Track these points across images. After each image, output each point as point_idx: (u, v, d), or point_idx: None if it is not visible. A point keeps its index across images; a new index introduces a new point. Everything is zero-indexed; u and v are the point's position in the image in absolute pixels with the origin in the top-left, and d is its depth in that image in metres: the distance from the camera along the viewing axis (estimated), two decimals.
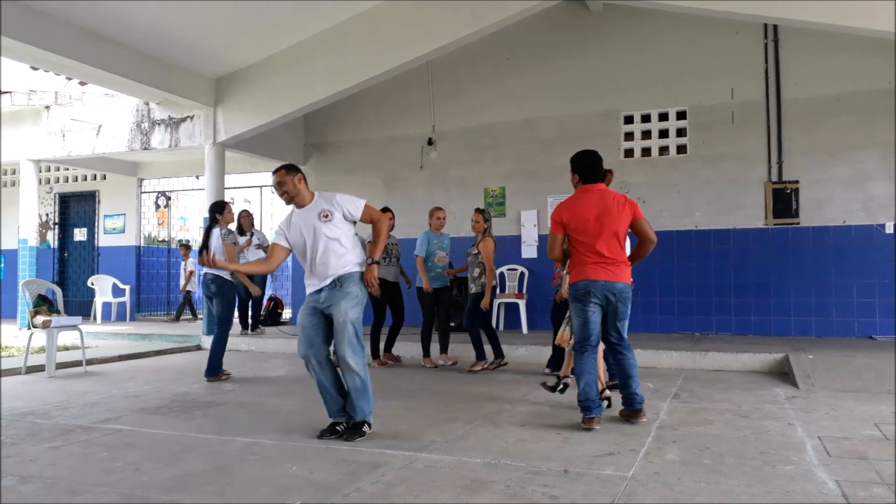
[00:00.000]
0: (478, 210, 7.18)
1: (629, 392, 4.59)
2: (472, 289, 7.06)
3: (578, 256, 4.47)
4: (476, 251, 7.06)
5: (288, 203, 4.49)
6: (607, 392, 5.07)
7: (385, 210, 7.69)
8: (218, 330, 6.76)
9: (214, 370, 6.64)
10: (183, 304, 12.40)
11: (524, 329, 9.38)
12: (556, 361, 6.69)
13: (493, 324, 9.52)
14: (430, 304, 7.37)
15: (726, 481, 3.28)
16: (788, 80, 8.92)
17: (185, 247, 12.40)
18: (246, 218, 10.00)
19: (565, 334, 5.62)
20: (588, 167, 4.58)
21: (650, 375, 6.54)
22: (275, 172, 4.48)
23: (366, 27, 8.68)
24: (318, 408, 5.21)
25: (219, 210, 6.78)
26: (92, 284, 12.50)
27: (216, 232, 6.68)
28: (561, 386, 5.54)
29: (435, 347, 7.52)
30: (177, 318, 12.21)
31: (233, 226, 7.32)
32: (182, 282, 12.41)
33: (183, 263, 12.39)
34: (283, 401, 5.58)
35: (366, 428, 4.23)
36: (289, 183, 4.40)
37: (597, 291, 4.39)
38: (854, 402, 5.17)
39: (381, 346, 7.67)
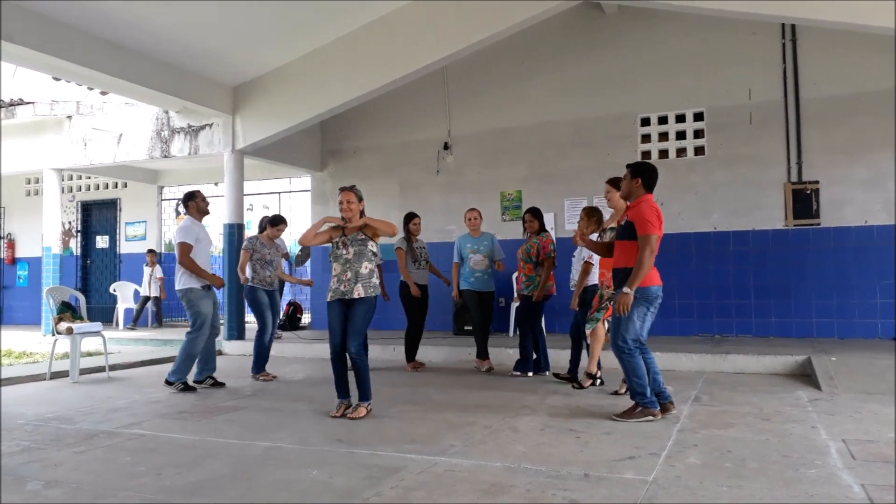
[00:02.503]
0: (346, 189, 5.08)
1: (660, 388, 4.84)
2: (364, 293, 4.96)
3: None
4: (363, 236, 5.02)
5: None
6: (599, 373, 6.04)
7: (412, 216, 7.65)
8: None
9: (253, 369, 7.01)
10: (140, 311, 12.12)
11: None
12: (524, 364, 6.81)
13: (511, 328, 9.52)
14: (475, 308, 7.26)
15: (749, 485, 3.25)
16: (807, 79, 8.83)
17: (152, 252, 12.34)
18: None
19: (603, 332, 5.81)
20: (652, 177, 4.83)
21: (670, 378, 6.47)
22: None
23: (381, 33, 8.73)
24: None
25: (270, 223, 7.27)
26: (114, 291, 12.64)
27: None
28: (599, 381, 6.05)
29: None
30: (133, 326, 11.98)
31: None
32: (144, 287, 12.22)
33: (150, 270, 12.15)
34: (303, 405, 5.60)
35: None
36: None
37: (660, 295, 4.77)
38: (878, 405, 5.10)
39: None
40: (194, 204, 6.38)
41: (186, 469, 3.71)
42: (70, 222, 13.83)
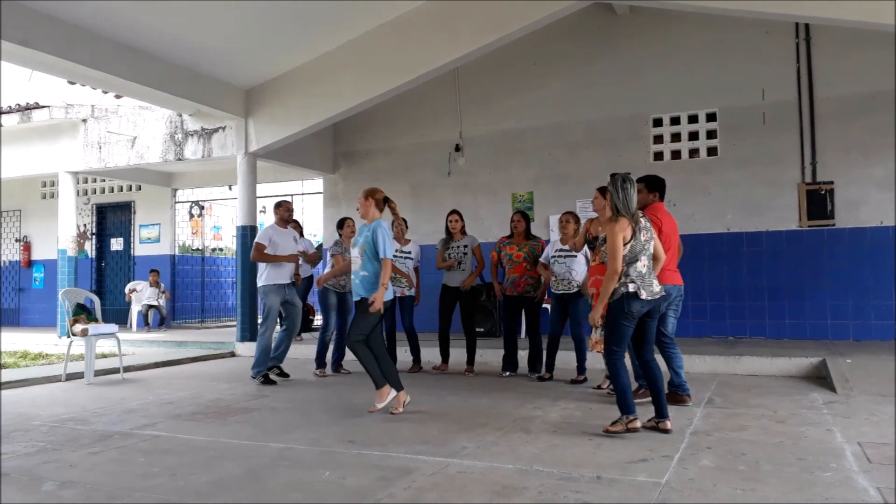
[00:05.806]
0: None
1: (681, 381, 5.32)
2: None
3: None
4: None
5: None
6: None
7: (449, 213, 7.52)
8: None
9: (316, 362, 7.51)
10: (146, 315, 12.33)
11: None
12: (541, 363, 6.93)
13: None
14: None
15: (763, 488, 3.22)
16: (821, 79, 8.76)
17: (155, 272, 12.61)
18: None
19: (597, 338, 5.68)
20: (663, 188, 5.29)
21: None
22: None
23: (392, 36, 8.74)
24: (350, 413, 5.26)
25: (337, 226, 7.63)
26: (129, 294, 12.73)
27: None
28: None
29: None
30: (148, 328, 12.20)
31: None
32: (147, 299, 12.40)
33: (155, 290, 12.44)
34: (315, 406, 5.62)
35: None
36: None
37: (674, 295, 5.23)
38: (894, 407, 5.05)
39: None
40: (278, 213, 7.19)
41: (200, 470, 3.73)
42: (85, 225, 13.94)
